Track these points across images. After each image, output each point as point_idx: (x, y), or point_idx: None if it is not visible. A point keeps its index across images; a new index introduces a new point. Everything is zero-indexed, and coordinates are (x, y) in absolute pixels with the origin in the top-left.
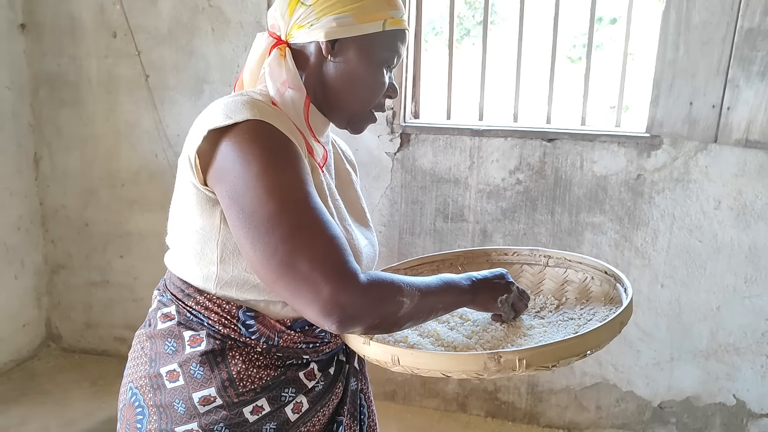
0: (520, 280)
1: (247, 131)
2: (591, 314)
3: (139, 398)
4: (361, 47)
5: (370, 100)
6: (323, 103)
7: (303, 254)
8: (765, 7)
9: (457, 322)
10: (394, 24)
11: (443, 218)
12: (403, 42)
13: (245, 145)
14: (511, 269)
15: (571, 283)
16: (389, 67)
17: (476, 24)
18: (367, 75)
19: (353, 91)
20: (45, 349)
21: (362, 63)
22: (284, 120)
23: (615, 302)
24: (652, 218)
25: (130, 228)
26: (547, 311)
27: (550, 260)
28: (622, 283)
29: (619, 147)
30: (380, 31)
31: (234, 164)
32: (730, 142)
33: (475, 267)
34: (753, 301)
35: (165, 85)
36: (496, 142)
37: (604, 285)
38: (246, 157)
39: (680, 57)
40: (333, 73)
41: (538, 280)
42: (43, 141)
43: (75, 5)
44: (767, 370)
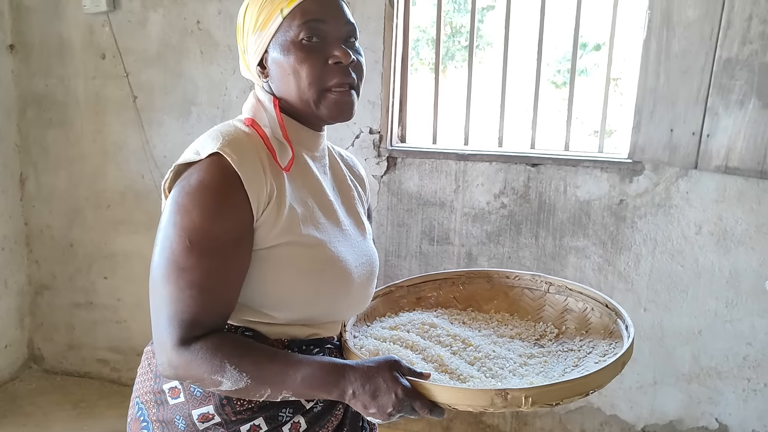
0: (519, 304)
1: (196, 176)
2: (590, 347)
3: (144, 413)
4: (275, 47)
5: (308, 77)
6: (292, 112)
7: (158, 313)
8: (742, 38)
9: (460, 347)
10: (291, 4)
11: (429, 241)
12: (310, 7)
13: (180, 195)
14: (512, 292)
15: (570, 312)
16: (310, 39)
17: (461, 48)
18: (290, 62)
19: (291, 83)
20: (27, 371)
21: (283, 56)
22: (249, 148)
23: (614, 336)
24: (634, 243)
25: (115, 249)
26: (547, 339)
27: (551, 287)
28: (623, 319)
29: (601, 172)
30: (281, 20)
31: (168, 203)
32: (710, 168)
33: (476, 287)
34: (734, 325)
35: (152, 107)
36: (481, 167)
37: (604, 317)
38: (171, 206)
39: (661, 85)
40: (275, 83)
41: (538, 306)
42: (29, 161)
43: (64, 26)
44: (749, 394)
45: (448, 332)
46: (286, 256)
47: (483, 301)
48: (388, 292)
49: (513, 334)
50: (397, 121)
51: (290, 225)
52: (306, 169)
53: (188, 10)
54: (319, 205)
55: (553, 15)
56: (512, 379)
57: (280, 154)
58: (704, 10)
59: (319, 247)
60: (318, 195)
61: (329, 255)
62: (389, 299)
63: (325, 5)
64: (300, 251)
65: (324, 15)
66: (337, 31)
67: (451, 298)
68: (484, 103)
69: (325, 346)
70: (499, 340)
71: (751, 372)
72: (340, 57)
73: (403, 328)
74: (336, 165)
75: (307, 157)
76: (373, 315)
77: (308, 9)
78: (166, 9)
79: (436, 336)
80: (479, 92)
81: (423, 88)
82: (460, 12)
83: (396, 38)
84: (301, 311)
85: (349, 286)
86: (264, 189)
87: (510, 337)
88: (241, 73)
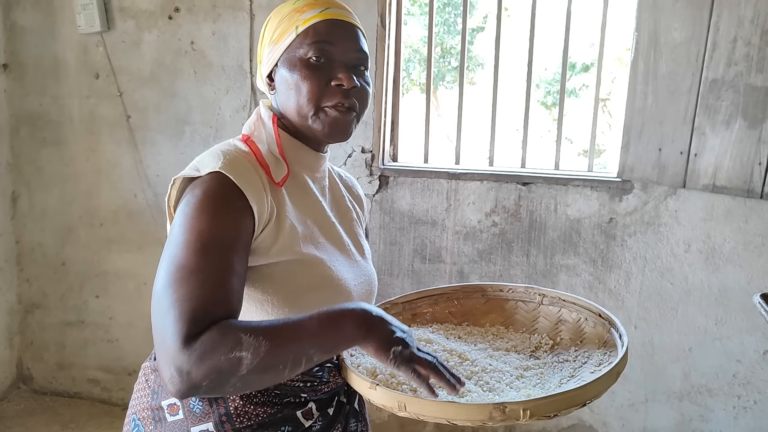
0: (515, 317)
1: (200, 188)
2: (586, 357)
3: (141, 429)
4: (284, 61)
5: (308, 94)
6: (294, 131)
7: (164, 319)
8: (728, 59)
9: (456, 362)
10: (306, 23)
11: (421, 259)
12: (322, 29)
13: (188, 206)
14: (506, 305)
15: (564, 322)
16: (318, 59)
17: (451, 69)
18: (295, 77)
19: (292, 98)
20: (15, 391)
21: (289, 71)
22: (248, 168)
23: (609, 345)
24: (624, 261)
25: (107, 267)
26: (542, 351)
27: (545, 299)
28: (616, 328)
29: (591, 191)
30: (295, 37)
31: (176, 217)
32: (698, 187)
33: (472, 302)
34: (724, 342)
35: (146, 126)
36: (472, 185)
37: (598, 327)
38: (179, 218)
39: (649, 105)
40: (279, 97)
41: (533, 318)
42: (21, 179)
43: (59, 46)
44: (739, 412)
45: (444, 347)
46: (286, 273)
47: (479, 315)
48: (383, 309)
49: (509, 347)
50: (389, 140)
51: (290, 242)
52: (306, 189)
53: (182, 30)
54: (319, 225)
55: (542, 36)
56: (509, 392)
57: (275, 170)
58: (690, 32)
59: (319, 266)
60: (318, 215)
61: (329, 273)
62: None
63: (339, 29)
64: (300, 269)
65: (335, 38)
66: (346, 56)
67: (446, 313)
68: (475, 123)
69: (324, 365)
70: (495, 354)
71: (741, 389)
72: (342, 80)
73: None
74: (335, 186)
75: (308, 178)
76: None
77: (321, 30)
78: (161, 30)
79: (433, 352)
80: (470, 112)
81: (414, 109)
82: (450, 33)
83: (388, 58)
84: None
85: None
86: (265, 206)
87: (506, 350)
88: (257, 84)
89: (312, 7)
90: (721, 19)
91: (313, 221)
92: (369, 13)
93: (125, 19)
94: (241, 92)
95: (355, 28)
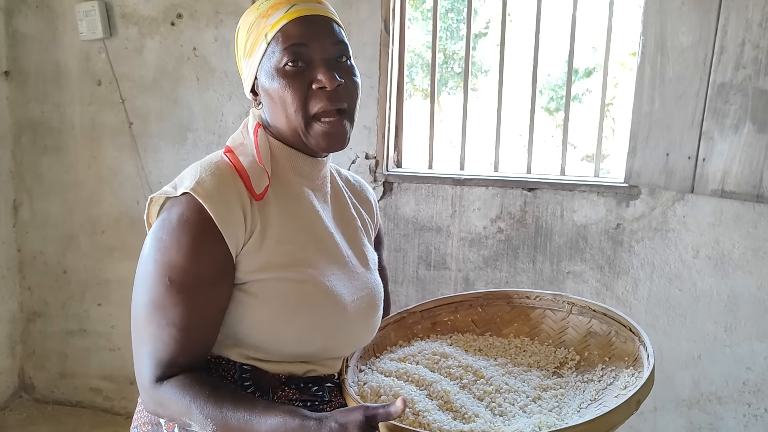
0: (541, 327)
1: (175, 212)
2: (612, 377)
3: None
4: (261, 73)
5: (293, 104)
6: (287, 139)
7: (138, 350)
8: (736, 63)
9: (470, 379)
10: (273, 30)
11: (426, 266)
12: (292, 31)
13: (161, 230)
14: (533, 314)
15: (594, 335)
16: (294, 64)
17: (454, 74)
18: (275, 88)
19: (278, 111)
20: (17, 400)
21: (269, 83)
22: (224, 185)
23: (638, 364)
24: (632, 267)
25: (109, 275)
26: (567, 368)
27: (574, 308)
28: (645, 347)
29: (598, 197)
30: (266, 46)
31: (149, 237)
32: (707, 192)
33: (495, 309)
34: (733, 349)
35: (148, 133)
36: (477, 191)
37: (629, 343)
38: (152, 241)
39: (656, 110)
40: (266, 111)
41: (561, 328)
42: (23, 187)
43: (61, 53)
44: (750, 420)
45: (460, 363)
46: (274, 291)
47: (503, 324)
48: (400, 318)
49: (531, 362)
50: (393, 146)
51: (278, 260)
52: (301, 199)
53: (185, 37)
54: (314, 237)
55: (544, 41)
56: (520, 419)
57: (257, 181)
58: (698, 36)
59: (311, 282)
60: (313, 227)
61: (322, 290)
62: (402, 326)
63: (309, 26)
64: (289, 287)
65: (307, 38)
66: (323, 53)
67: (469, 321)
68: (477, 129)
69: (324, 384)
70: (514, 370)
71: (751, 397)
72: (323, 81)
73: (412, 360)
74: (339, 192)
75: (305, 186)
76: (383, 344)
77: (291, 33)
78: (163, 36)
79: (447, 368)
80: (472, 118)
81: (417, 114)
82: (452, 39)
83: (392, 64)
84: (295, 347)
85: (344, 322)
86: (241, 225)
87: (527, 366)
88: (245, 94)
89: (276, 9)
90: (728, 22)
91: (306, 234)
92: (372, 19)
93: (127, 26)
94: (244, 98)
95: (327, 19)
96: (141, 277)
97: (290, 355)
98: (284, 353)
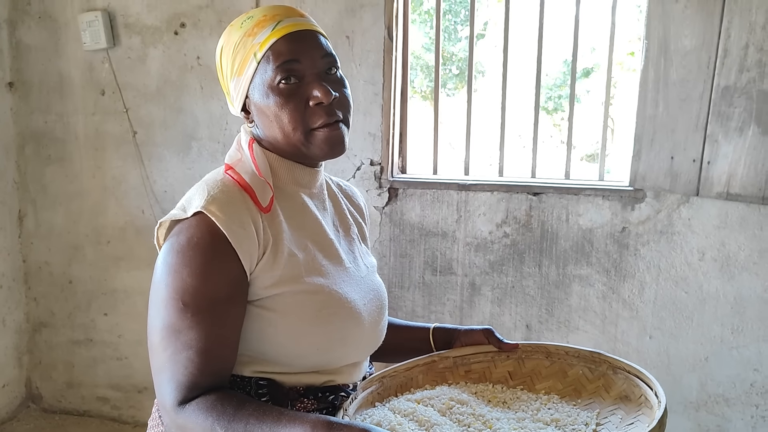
0: (576, 386)
1: (184, 234)
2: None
3: None
4: (253, 92)
5: (292, 122)
6: (283, 151)
7: (158, 375)
8: (740, 66)
9: (477, 428)
10: (263, 48)
11: (432, 271)
12: (282, 48)
13: (170, 254)
14: (571, 371)
15: (626, 400)
16: (288, 81)
17: (452, 76)
18: (271, 106)
19: (275, 128)
20: (25, 410)
21: (263, 101)
22: (234, 201)
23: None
24: (638, 270)
25: (115, 285)
26: (586, 426)
27: (609, 367)
28: (659, 399)
29: (603, 200)
30: (257, 65)
31: (159, 262)
32: (712, 195)
33: (534, 363)
34: (740, 351)
35: (153, 142)
36: (482, 196)
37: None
38: (163, 266)
39: (660, 113)
40: (261, 128)
41: (594, 390)
42: (27, 198)
43: (64, 63)
44: (757, 421)
45: (474, 411)
46: (292, 305)
47: (538, 379)
48: (430, 362)
49: (550, 420)
50: (397, 152)
51: (292, 272)
52: (304, 209)
53: (188, 46)
54: (320, 246)
55: (544, 42)
56: None
57: (262, 195)
58: (701, 39)
59: (324, 293)
60: (318, 235)
61: (336, 299)
62: (431, 369)
63: (298, 42)
64: (305, 299)
65: (297, 54)
66: (314, 68)
67: (505, 373)
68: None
69: (339, 394)
70: (529, 425)
71: (759, 398)
72: (320, 98)
73: (428, 402)
74: (335, 199)
75: (305, 196)
76: (408, 386)
77: (281, 50)
78: (166, 45)
79: (458, 414)
80: (476, 120)
81: (416, 117)
82: (450, 41)
83: (395, 71)
84: (314, 358)
85: (359, 327)
86: (255, 242)
87: (545, 423)
88: (230, 111)
89: (263, 27)
90: (732, 25)
91: (313, 243)
92: (376, 26)
93: (130, 36)
94: None
95: (314, 33)
96: (155, 303)
97: (310, 366)
98: (304, 365)
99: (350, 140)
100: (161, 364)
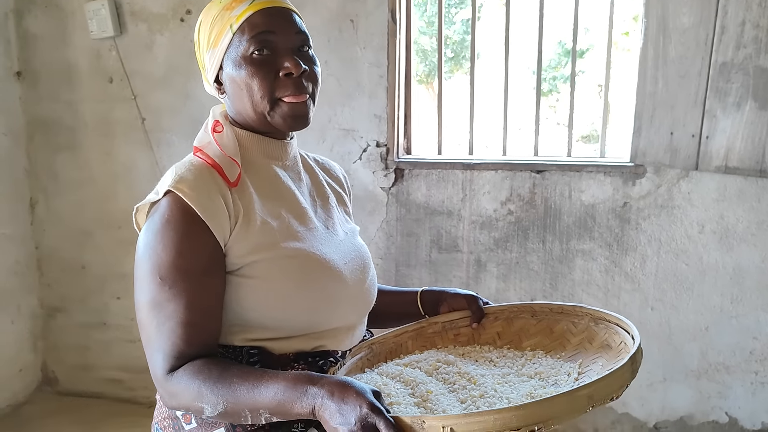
0: (560, 340)
1: (157, 213)
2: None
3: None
4: (227, 63)
5: (260, 90)
6: (252, 126)
7: (147, 348)
8: (737, 42)
9: (462, 384)
10: (240, 19)
11: (438, 249)
12: (258, 21)
13: (147, 233)
14: (557, 327)
15: (608, 348)
16: (261, 52)
17: (448, 59)
18: (242, 76)
19: (244, 97)
20: (40, 394)
21: (235, 71)
22: (202, 178)
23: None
24: (639, 244)
25: (126, 269)
26: (569, 376)
27: (591, 319)
28: (633, 337)
29: (605, 176)
30: (232, 36)
31: (138, 244)
32: (711, 169)
33: (522, 322)
34: (740, 320)
35: (161, 128)
36: (487, 175)
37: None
38: (141, 245)
39: (659, 90)
40: (231, 99)
41: (578, 342)
42: (38, 185)
43: (71, 52)
44: (757, 387)
45: (459, 370)
46: (273, 270)
47: (525, 337)
48: (419, 327)
49: (533, 373)
50: (402, 133)
51: (267, 240)
52: (276, 180)
53: (194, 32)
54: (294, 213)
55: (544, 24)
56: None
57: (229, 171)
58: (699, 16)
59: (303, 255)
60: (292, 204)
61: (314, 259)
62: (421, 335)
63: (273, 17)
64: (285, 263)
65: (273, 27)
66: (288, 42)
67: (494, 334)
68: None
69: (328, 359)
70: (514, 380)
71: (758, 365)
72: (290, 68)
73: (416, 365)
74: (311, 171)
75: (277, 168)
76: (398, 352)
77: (257, 22)
78: (172, 32)
79: (445, 374)
80: (464, 101)
81: (415, 99)
82: (446, 24)
83: (399, 53)
84: (302, 319)
85: (342, 285)
86: (225, 213)
87: (529, 377)
88: (205, 89)
89: (240, 2)
90: (728, 2)
91: (287, 211)
92: (379, 9)
93: (137, 23)
94: None
95: (289, 11)
96: (138, 280)
97: (299, 329)
98: (294, 327)
99: (356, 122)
100: (148, 337)
